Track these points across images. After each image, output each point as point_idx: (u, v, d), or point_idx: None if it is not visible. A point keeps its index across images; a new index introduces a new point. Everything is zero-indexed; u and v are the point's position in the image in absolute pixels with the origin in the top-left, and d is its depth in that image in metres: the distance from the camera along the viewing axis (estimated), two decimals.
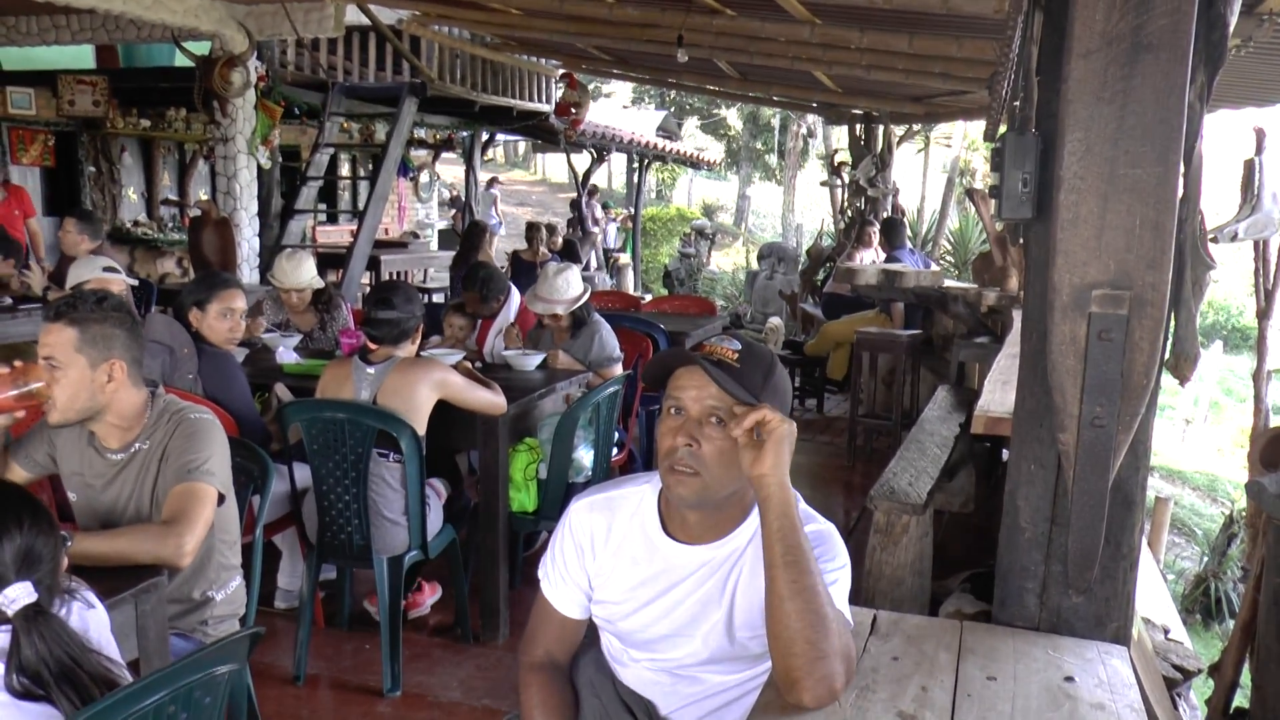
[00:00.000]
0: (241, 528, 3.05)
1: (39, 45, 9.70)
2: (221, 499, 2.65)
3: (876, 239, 9.60)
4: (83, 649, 1.77)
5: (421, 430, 3.69)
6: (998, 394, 3.55)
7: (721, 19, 5.72)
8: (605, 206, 19.05)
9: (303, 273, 5.28)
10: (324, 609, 4.25)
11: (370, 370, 3.79)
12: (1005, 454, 5.38)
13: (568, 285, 4.98)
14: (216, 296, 3.97)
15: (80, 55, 11.52)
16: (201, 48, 8.35)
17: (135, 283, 5.09)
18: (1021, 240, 2.19)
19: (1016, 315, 5.36)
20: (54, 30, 9.24)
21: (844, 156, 11.58)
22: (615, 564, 1.96)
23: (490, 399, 3.93)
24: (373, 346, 3.86)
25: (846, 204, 11.09)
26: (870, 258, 9.34)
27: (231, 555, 2.92)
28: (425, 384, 3.75)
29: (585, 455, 4.26)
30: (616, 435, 4.69)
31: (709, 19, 5.73)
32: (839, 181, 11.28)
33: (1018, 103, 2.34)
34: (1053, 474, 2.05)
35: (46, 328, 2.53)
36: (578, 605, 2.02)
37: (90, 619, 1.89)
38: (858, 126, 10.74)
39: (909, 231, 11.03)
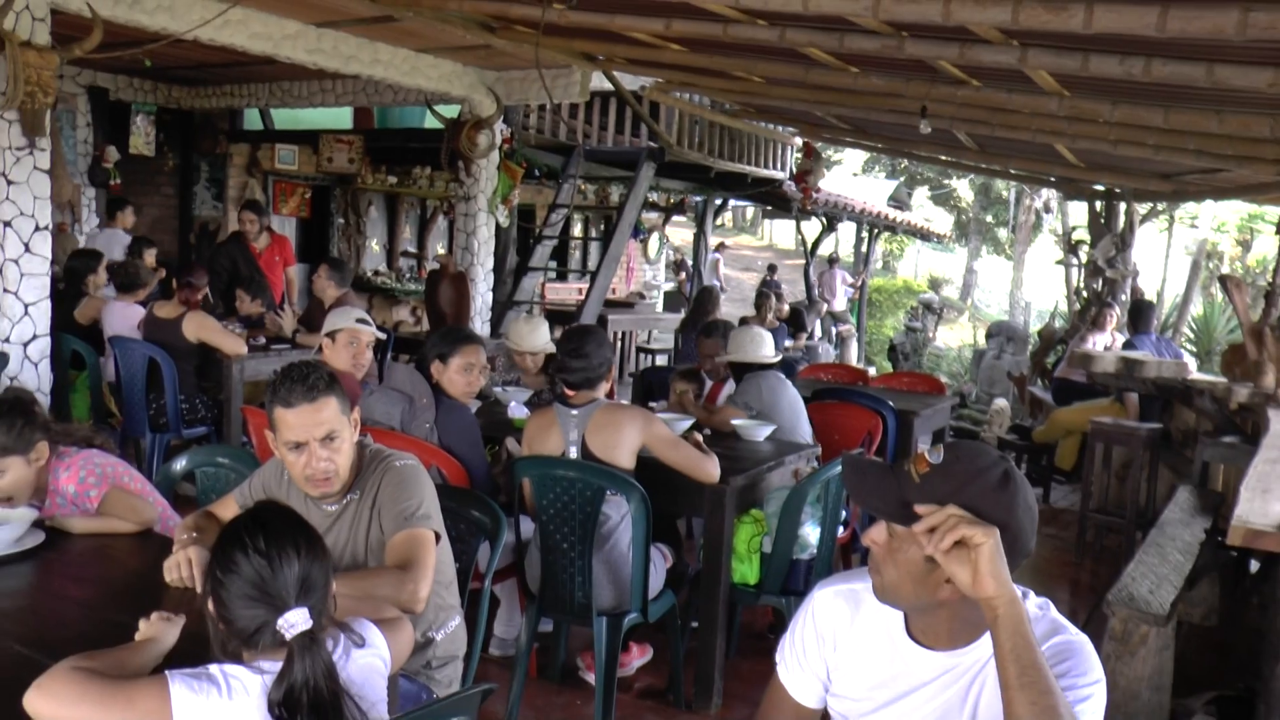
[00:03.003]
0: (469, 577, 3.14)
1: (306, 107, 10.57)
2: (437, 539, 2.70)
3: (1113, 323, 9.16)
4: (338, 691, 1.78)
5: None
6: (1257, 503, 3.30)
7: (967, 90, 5.61)
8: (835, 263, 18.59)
9: (538, 337, 5.48)
10: (536, 660, 4.31)
11: (574, 412, 3.88)
12: (1254, 564, 5.01)
13: (736, 337, 5.31)
14: (459, 351, 4.15)
15: (340, 116, 12.44)
16: (451, 111, 8.78)
17: (383, 335, 5.38)
18: None
19: (1273, 415, 5.00)
20: (320, 94, 10.02)
21: (1081, 234, 11.15)
22: (856, 659, 1.90)
23: (697, 460, 3.92)
24: (570, 393, 3.94)
25: (1082, 285, 10.66)
26: (1105, 342, 8.91)
27: (449, 595, 2.97)
28: (631, 426, 3.83)
29: (811, 532, 4.19)
30: (843, 514, 4.61)
31: (954, 90, 5.63)
32: (1075, 260, 10.87)
33: None
34: None
35: (319, 404, 2.56)
36: (814, 695, 1.97)
37: (355, 660, 1.90)
38: (1097, 203, 10.30)
39: None
